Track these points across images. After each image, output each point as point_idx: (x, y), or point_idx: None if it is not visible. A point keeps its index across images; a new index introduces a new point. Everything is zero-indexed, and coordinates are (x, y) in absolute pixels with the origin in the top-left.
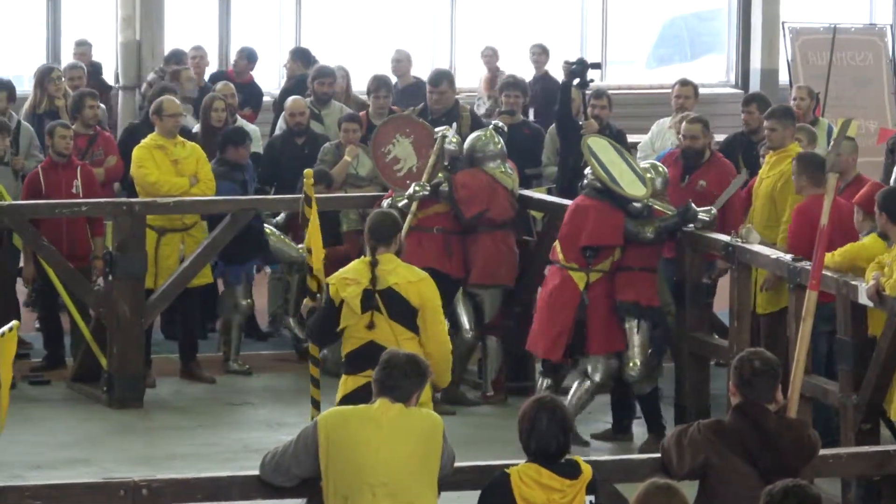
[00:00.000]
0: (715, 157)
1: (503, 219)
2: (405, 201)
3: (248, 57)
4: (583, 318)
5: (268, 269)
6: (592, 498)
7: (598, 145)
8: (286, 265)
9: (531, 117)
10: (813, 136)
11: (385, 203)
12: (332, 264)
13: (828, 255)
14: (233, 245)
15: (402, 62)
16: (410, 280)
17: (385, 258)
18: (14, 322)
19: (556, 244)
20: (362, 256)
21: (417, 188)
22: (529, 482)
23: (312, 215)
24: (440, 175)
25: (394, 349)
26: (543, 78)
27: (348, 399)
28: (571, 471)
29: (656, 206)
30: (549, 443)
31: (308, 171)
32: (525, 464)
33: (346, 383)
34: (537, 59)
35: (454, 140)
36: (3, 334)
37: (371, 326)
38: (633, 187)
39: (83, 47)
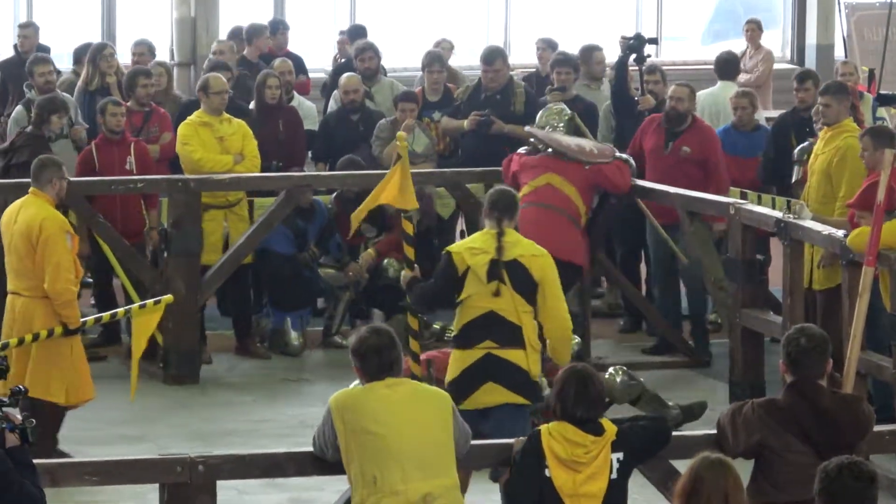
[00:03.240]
0: (697, 123)
1: None
2: None
3: (283, 27)
4: None
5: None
6: (620, 455)
7: None
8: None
9: None
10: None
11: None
12: (387, 253)
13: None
14: (284, 290)
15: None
16: (534, 254)
17: (509, 232)
18: (168, 296)
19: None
20: (486, 229)
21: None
22: (557, 436)
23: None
24: None
25: (364, 333)
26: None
27: (468, 373)
28: (596, 429)
29: None
30: (575, 410)
31: (400, 134)
32: (558, 422)
33: (463, 358)
34: (541, 55)
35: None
36: (146, 306)
37: (497, 294)
38: None
39: (27, 29)
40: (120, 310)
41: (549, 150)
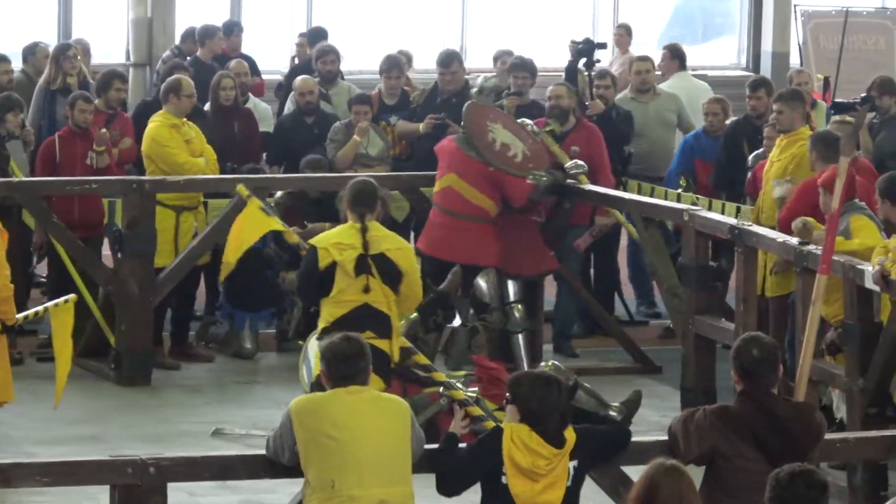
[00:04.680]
0: (582, 122)
1: None
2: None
3: (237, 29)
4: None
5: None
6: (575, 462)
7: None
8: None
9: None
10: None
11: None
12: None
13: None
14: (244, 290)
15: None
16: (399, 247)
17: (374, 225)
18: (72, 295)
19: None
20: (349, 223)
21: (544, 176)
22: (519, 443)
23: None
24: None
25: (336, 339)
26: None
27: None
28: (559, 439)
29: None
30: (543, 422)
31: (241, 188)
32: (520, 424)
33: None
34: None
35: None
36: (58, 305)
37: (367, 290)
38: None
39: None
40: (40, 308)
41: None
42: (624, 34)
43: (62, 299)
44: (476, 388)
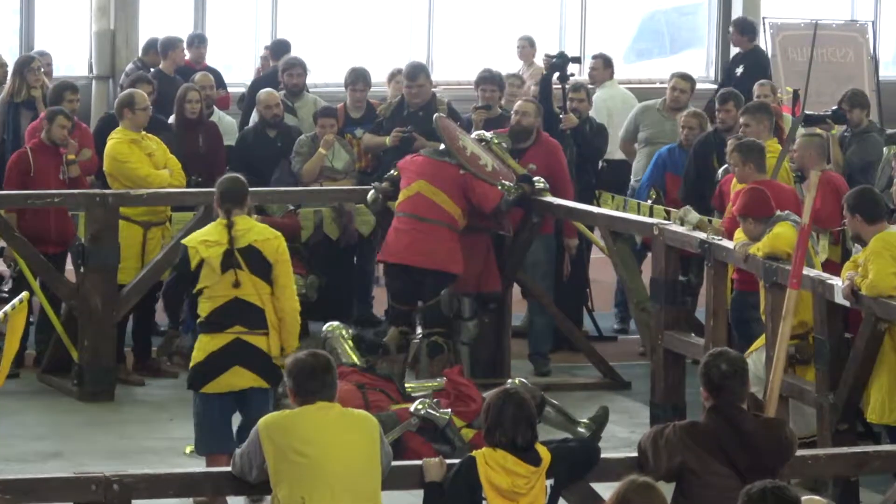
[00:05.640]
0: (542, 138)
1: None
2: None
3: (200, 41)
4: None
5: None
6: (551, 482)
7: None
8: None
9: None
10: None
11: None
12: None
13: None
14: None
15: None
16: (267, 237)
17: (240, 219)
18: (24, 293)
19: None
20: (218, 219)
21: (514, 188)
22: (495, 466)
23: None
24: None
25: (301, 355)
26: None
27: (215, 357)
28: (535, 457)
29: None
30: (515, 436)
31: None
32: (490, 448)
33: (211, 342)
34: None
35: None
36: (14, 307)
37: (237, 285)
38: None
39: None
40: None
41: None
42: (527, 45)
43: (17, 299)
44: (439, 401)
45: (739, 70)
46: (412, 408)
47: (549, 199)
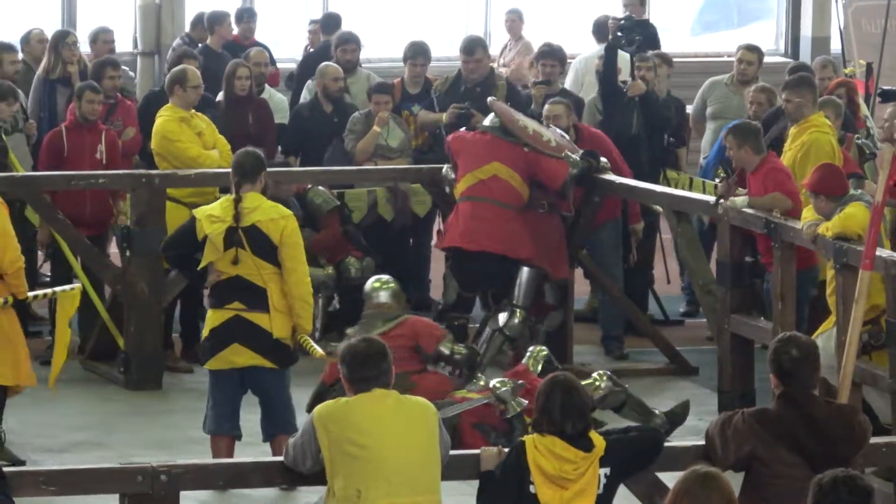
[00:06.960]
0: (582, 132)
1: None
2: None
3: (250, 16)
4: None
5: None
6: (607, 470)
7: None
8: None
9: None
10: (839, 110)
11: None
12: (319, 253)
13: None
14: None
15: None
16: (272, 217)
17: (249, 196)
18: (78, 284)
19: None
20: (229, 195)
21: (580, 160)
22: (544, 450)
23: None
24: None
25: (355, 341)
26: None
27: (218, 332)
28: (586, 444)
29: None
30: (564, 425)
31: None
32: (539, 434)
33: (213, 317)
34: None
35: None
36: (66, 291)
37: (236, 262)
38: None
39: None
40: (49, 290)
41: (488, 125)
42: (516, 19)
43: (69, 286)
44: (520, 386)
45: None
46: (492, 383)
47: (611, 177)
